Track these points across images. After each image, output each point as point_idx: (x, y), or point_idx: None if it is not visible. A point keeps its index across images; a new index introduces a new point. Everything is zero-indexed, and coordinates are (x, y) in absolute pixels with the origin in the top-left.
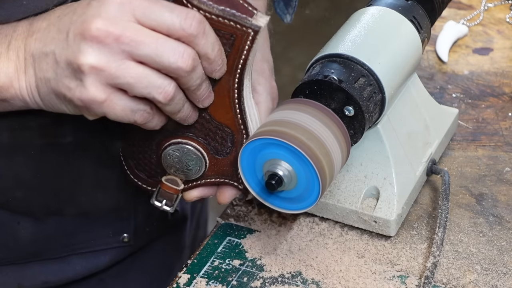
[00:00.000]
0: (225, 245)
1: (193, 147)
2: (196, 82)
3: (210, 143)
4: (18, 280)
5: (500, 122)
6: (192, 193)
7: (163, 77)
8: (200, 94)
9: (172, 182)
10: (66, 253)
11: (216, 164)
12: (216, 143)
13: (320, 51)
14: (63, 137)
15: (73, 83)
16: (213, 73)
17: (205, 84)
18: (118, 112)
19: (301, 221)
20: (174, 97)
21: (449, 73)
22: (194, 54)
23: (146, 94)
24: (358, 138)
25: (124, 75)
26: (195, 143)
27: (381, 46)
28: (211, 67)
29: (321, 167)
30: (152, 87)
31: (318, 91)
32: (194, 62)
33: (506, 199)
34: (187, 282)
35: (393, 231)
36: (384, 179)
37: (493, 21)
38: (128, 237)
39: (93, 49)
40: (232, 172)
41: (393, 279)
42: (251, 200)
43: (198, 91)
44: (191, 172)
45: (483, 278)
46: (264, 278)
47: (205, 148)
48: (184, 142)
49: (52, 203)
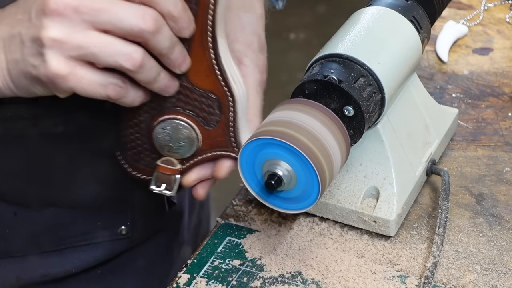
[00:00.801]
0: (225, 245)
1: (181, 121)
2: (165, 44)
3: (198, 114)
4: (17, 273)
5: (500, 122)
6: (190, 177)
7: (129, 43)
8: (175, 59)
9: (168, 163)
10: (64, 245)
11: (208, 136)
12: (204, 112)
13: (319, 51)
14: (56, 127)
15: (37, 60)
16: (182, 31)
17: (178, 47)
18: (85, 86)
19: (301, 221)
20: (144, 63)
21: (449, 73)
22: (156, 14)
23: (113, 63)
24: (357, 138)
25: (88, 45)
26: (184, 117)
27: (381, 46)
28: (177, 25)
29: (320, 167)
30: (118, 54)
31: (318, 91)
32: (157, 22)
33: (506, 199)
34: (187, 282)
35: (393, 231)
36: (383, 179)
37: (493, 21)
38: (126, 230)
39: (53, 22)
40: (227, 142)
41: (393, 279)
42: (251, 200)
43: (171, 54)
44: (185, 148)
45: (483, 278)
46: (264, 278)
47: (194, 120)
48: (172, 117)
49: (47, 194)
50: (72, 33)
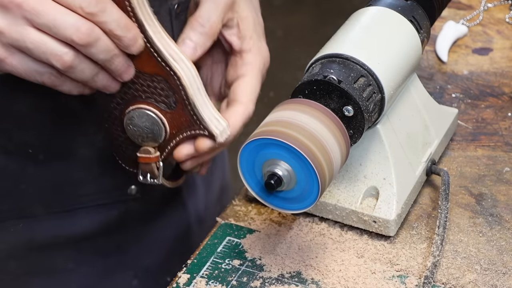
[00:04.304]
0: (224, 245)
1: (143, 109)
2: (99, 56)
3: (156, 99)
4: (28, 234)
5: (499, 122)
6: (181, 151)
7: (62, 45)
8: (115, 69)
9: (145, 152)
10: (74, 205)
11: (173, 119)
12: (161, 96)
13: (319, 51)
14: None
15: None
16: (127, 48)
17: (118, 59)
18: (21, 72)
19: (301, 221)
20: (74, 65)
21: (448, 73)
22: (92, 29)
23: (45, 60)
24: (357, 138)
25: (24, 39)
26: (145, 104)
27: (381, 46)
28: (121, 43)
29: (320, 167)
30: (50, 54)
31: (318, 91)
32: (90, 37)
33: (506, 199)
34: (186, 282)
35: (392, 231)
36: (383, 179)
37: (492, 21)
38: (136, 190)
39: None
40: (190, 120)
41: (393, 279)
42: (251, 200)
43: (110, 65)
44: (154, 134)
45: (483, 278)
46: (264, 278)
47: (155, 106)
48: (135, 107)
49: (53, 142)
50: (12, 25)
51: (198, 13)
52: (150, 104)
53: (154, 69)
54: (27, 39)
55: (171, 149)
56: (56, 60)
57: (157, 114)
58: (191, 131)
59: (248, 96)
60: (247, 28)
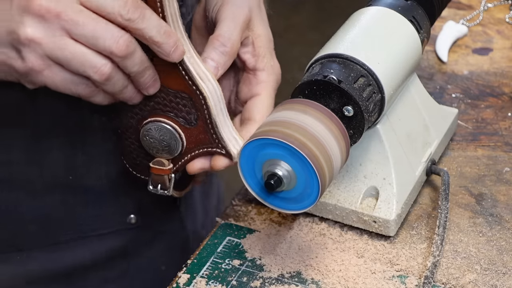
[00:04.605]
0: (225, 245)
1: (163, 122)
2: (133, 68)
3: (177, 114)
4: (26, 267)
5: (499, 122)
6: (195, 165)
7: (100, 57)
8: (143, 82)
9: (159, 163)
10: (73, 236)
11: (191, 135)
12: (182, 112)
13: (319, 51)
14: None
15: (12, 53)
16: (170, 56)
17: (148, 72)
18: (58, 82)
19: (301, 221)
20: (111, 77)
21: (448, 73)
22: (130, 40)
23: (82, 72)
24: (357, 138)
25: (62, 51)
26: (164, 118)
27: (381, 46)
28: (162, 50)
29: (320, 167)
30: (88, 66)
31: (318, 91)
32: (129, 48)
33: (506, 199)
34: (186, 282)
35: (392, 231)
36: (383, 179)
37: (492, 21)
38: (135, 218)
39: (33, 22)
40: (209, 138)
41: (393, 279)
42: (251, 200)
43: (140, 78)
44: (171, 148)
45: (483, 278)
46: (263, 278)
47: (175, 121)
48: (154, 120)
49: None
50: (50, 36)
51: (218, 31)
52: (170, 118)
53: (180, 87)
54: (65, 50)
55: (185, 162)
56: (94, 72)
57: (176, 129)
58: (208, 148)
59: (263, 115)
60: (261, 46)
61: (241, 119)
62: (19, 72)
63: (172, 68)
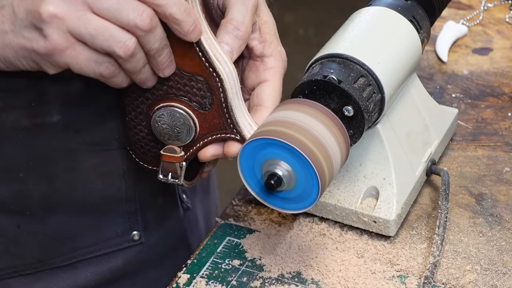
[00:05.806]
0: (224, 245)
1: (176, 107)
2: (154, 45)
3: (191, 98)
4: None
5: (499, 122)
6: (207, 152)
7: (124, 31)
8: (161, 61)
9: (171, 151)
10: (75, 259)
11: (205, 120)
12: (197, 96)
13: (319, 51)
14: (50, 116)
15: (33, 34)
16: (187, 35)
17: (166, 51)
18: (81, 62)
19: (301, 221)
20: (135, 53)
21: (448, 73)
22: (153, 15)
23: (107, 48)
24: (357, 138)
25: (86, 26)
26: (178, 103)
27: (381, 46)
28: (181, 28)
29: (320, 167)
30: (113, 40)
31: (318, 91)
32: (152, 22)
33: (506, 199)
34: (186, 282)
35: (392, 231)
36: (383, 179)
37: (492, 21)
38: (139, 235)
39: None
40: (224, 123)
41: (393, 279)
42: (251, 200)
43: (158, 57)
44: (183, 134)
45: (483, 278)
46: (263, 278)
47: (188, 105)
48: (166, 105)
49: (49, 194)
50: (72, 11)
51: (230, 15)
52: (183, 103)
53: (195, 69)
54: (89, 26)
55: (197, 149)
56: (119, 47)
57: (190, 114)
58: (222, 134)
59: (273, 101)
60: (268, 32)
61: (250, 106)
62: (41, 53)
63: (189, 49)
